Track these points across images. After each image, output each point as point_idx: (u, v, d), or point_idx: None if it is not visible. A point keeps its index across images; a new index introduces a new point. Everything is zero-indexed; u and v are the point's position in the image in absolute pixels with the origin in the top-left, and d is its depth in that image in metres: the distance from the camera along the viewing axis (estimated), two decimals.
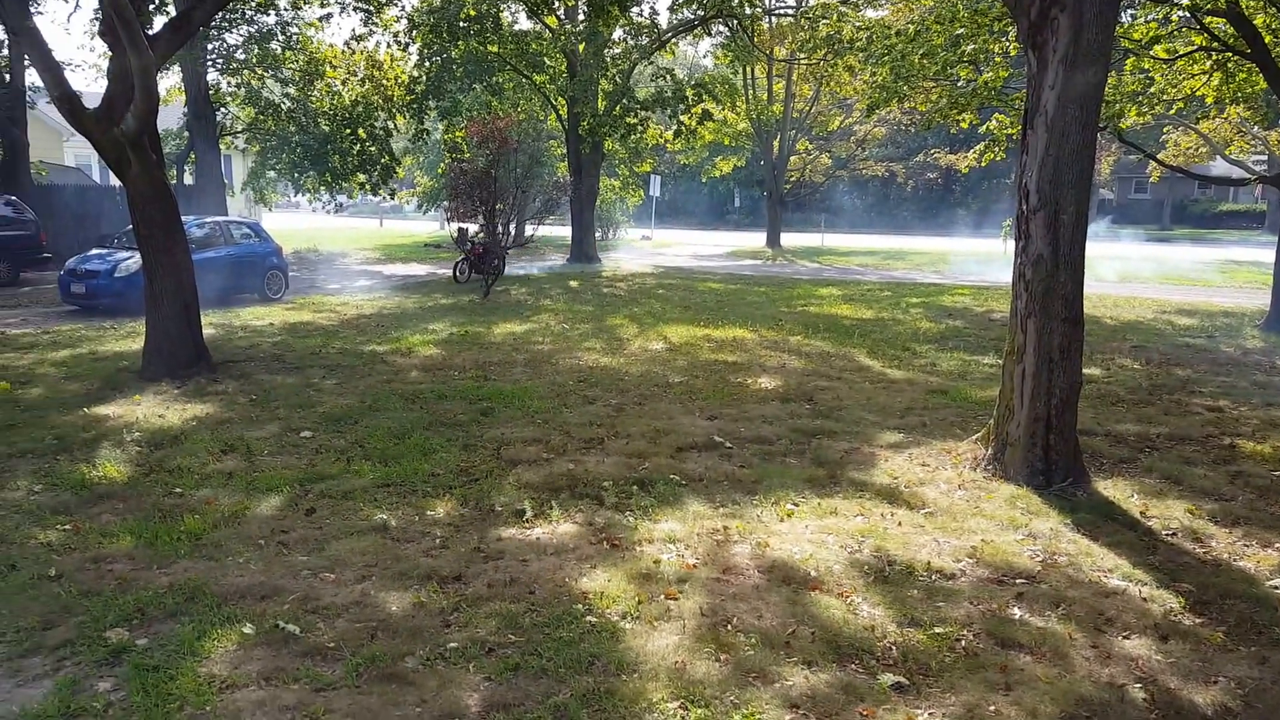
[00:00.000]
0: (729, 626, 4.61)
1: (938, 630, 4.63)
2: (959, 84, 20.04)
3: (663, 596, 4.93)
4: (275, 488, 6.64)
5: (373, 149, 28.56)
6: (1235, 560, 5.66)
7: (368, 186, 29.28)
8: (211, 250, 17.09)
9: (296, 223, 46.21)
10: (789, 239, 39.56)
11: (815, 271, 27.20)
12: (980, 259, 30.43)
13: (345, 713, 3.84)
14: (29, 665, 4.24)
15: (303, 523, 6.01)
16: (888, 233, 49.11)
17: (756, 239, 40.52)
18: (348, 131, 28.01)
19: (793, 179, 40.27)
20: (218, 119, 27.24)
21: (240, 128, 29.57)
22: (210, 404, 9.13)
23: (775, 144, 37.11)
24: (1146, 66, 17.62)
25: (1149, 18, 17.24)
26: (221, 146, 28.22)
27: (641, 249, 37.05)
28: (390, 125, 29.93)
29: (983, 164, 24.42)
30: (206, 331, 11.44)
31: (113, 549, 5.54)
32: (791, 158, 38.72)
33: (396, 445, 7.68)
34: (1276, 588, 5.25)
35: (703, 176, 43.94)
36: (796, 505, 6.44)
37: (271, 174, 32.27)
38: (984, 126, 22.38)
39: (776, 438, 8.18)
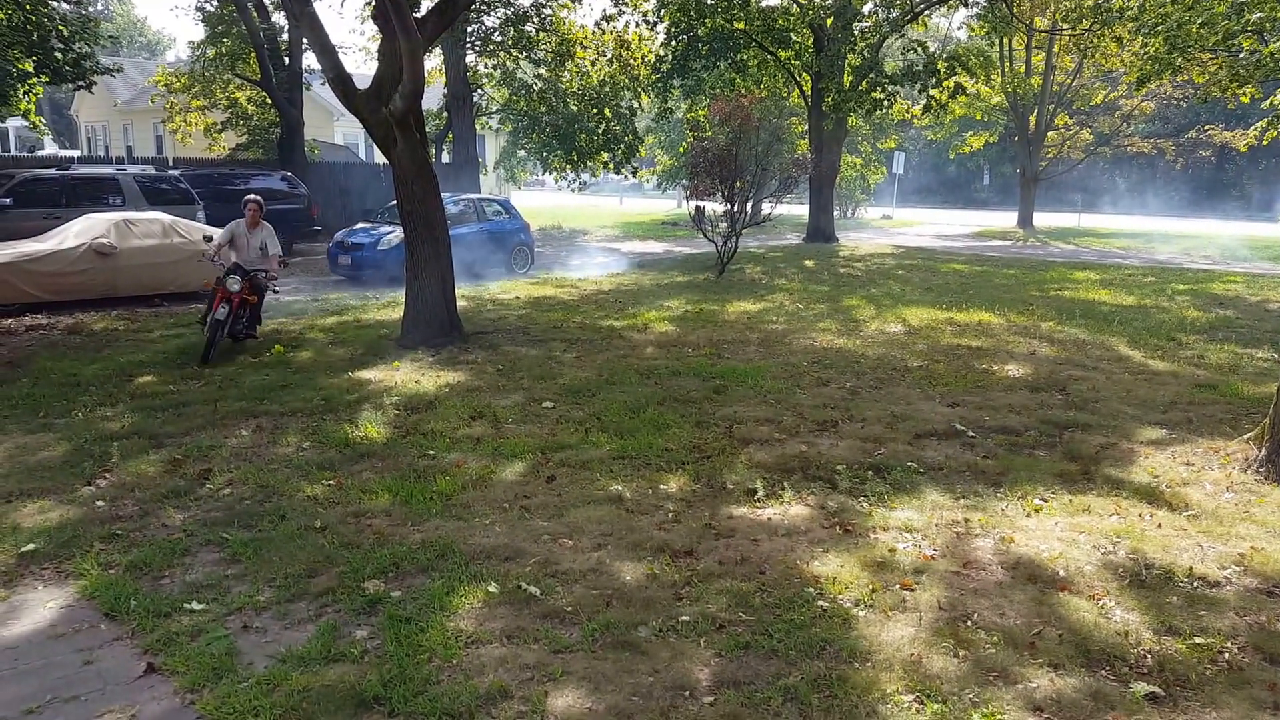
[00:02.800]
0: (969, 622, 4.45)
1: (1198, 640, 4.28)
2: (1241, 54, 18.19)
3: (898, 586, 4.81)
4: (519, 454, 6.95)
5: (617, 128, 29.26)
6: None
7: (610, 165, 30.03)
8: (465, 226, 17.89)
9: (542, 200, 48.15)
10: (1042, 219, 37.31)
11: (1070, 254, 25.53)
12: (1256, 245, 27.58)
13: (581, 676, 3.98)
14: (295, 610, 4.61)
15: (543, 489, 6.26)
16: (1151, 214, 45.38)
17: (1006, 219, 38.50)
18: (594, 111, 28.81)
19: (1049, 156, 37.85)
20: (474, 100, 28.61)
21: (494, 108, 30.93)
22: (461, 372, 9.65)
23: (1031, 119, 34.98)
24: None
25: None
26: (476, 127, 29.62)
27: (881, 228, 36.08)
28: (635, 104, 30.53)
29: (1264, 142, 22.14)
30: (459, 304, 12.02)
31: (371, 505, 5.96)
32: (1049, 133, 36.36)
33: (632, 419, 7.87)
34: None
35: (950, 153, 42.09)
36: (1045, 501, 6.11)
37: (521, 153, 33.71)
38: (1267, 101, 20.28)
39: (1024, 428, 7.78)
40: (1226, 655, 4.18)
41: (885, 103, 25.27)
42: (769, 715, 3.69)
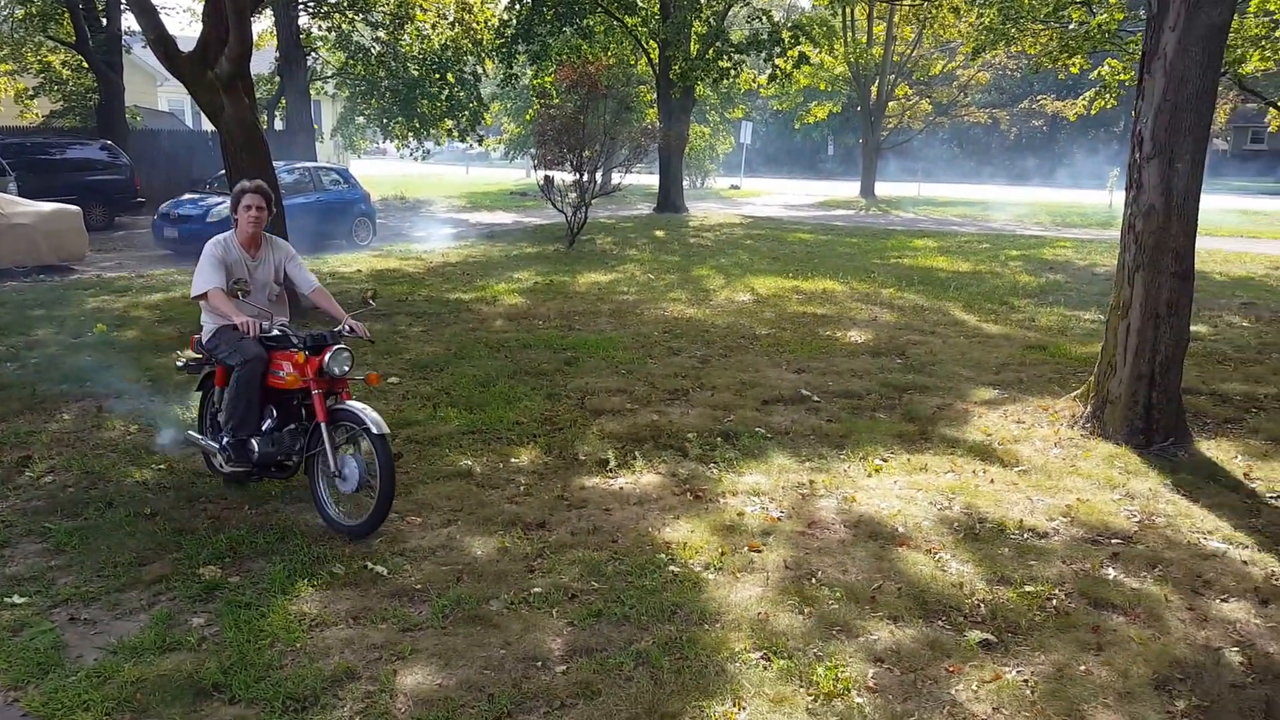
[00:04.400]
0: (813, 580, 4.64)
1: (1028, 589, 4.59)
2: (1070, 26, 19.30)
3: (746, 549, 4.98)
4: None
5: (461, 94, 28.69)
6: None
7: (455, 133, 29.47)
8: (301, 196, 17.37)
9: (384, 169, 46.94)
10: (884, 189, 38.76)
11: (910, 222, 26.65)
12: (1085, 212, 29.43)
13: (431, 652, 3.98)
14: (126, 599, 4.45)
15: None
16: (988, 183, 47.75)
17: (850, 189, 39.82)
18: (436, 76, 28.16)
19: (890, 126, 39.32)
20: (308, 64, 27.56)
21: (330, 73, 29.90)
22: None
23: (873, 89, 36.24)
24: (1272, 9, 16.70)
25: None
26: (311, 92, 28.56)
27: (730, 198, 36.74)
28: (479, 70, 30.01)
29: (1093, 112, 23.55)
30: None
31: (207, 488, 5.78)
32: (890, 104, 37.76)
33: (482, 393, 7.83)
34: None
35: (796, 123, 43.13)
36: (885, 461, 6.41)
37: (360, 120, 32.65)
38: (1095, 72, 21.57)
39: (866, 392, 8.12)
40: (1054, 601, 4.49)
41: (732, 72, 25.69)
42: (621, 680, 3.77)
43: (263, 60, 29.21)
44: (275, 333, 5.26)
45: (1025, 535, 5.24)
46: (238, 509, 5.47)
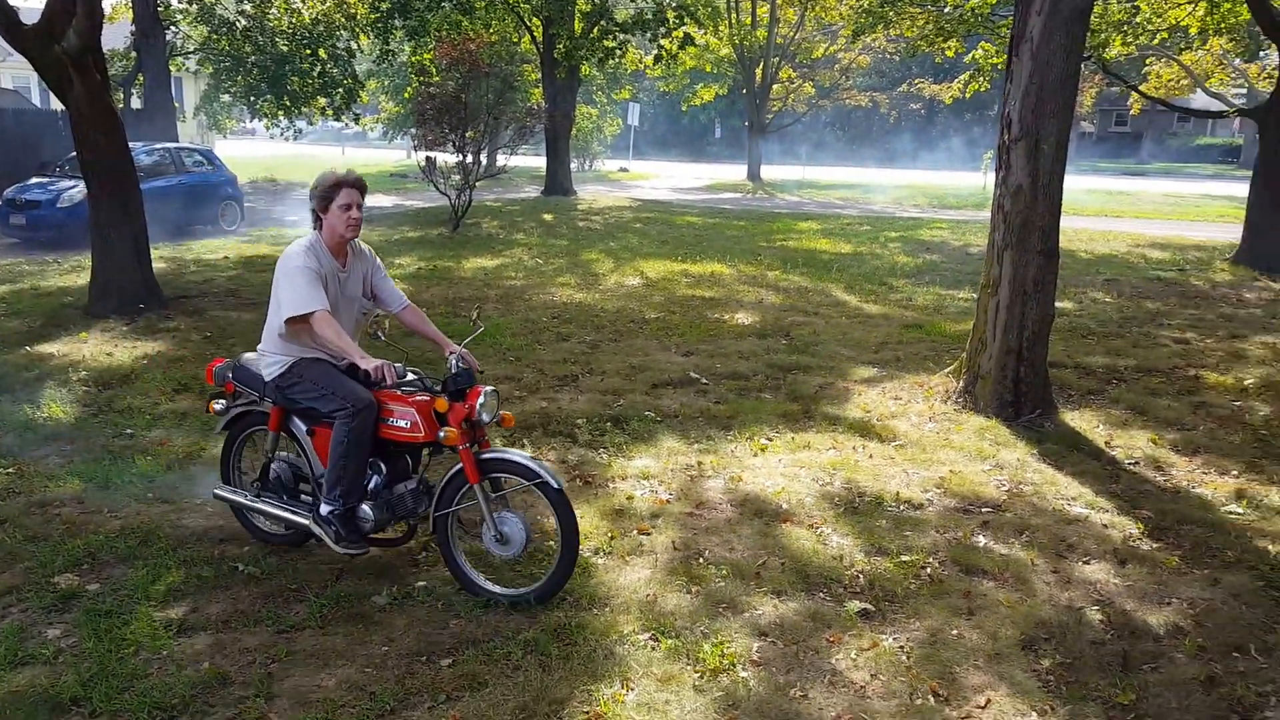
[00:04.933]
0: (700, 560, 4.75)
1: (904, 558, 4.79)
2: (946, 9, 19.88)
3: (635, 532, 5.05)
4: None
5: (334, 71, 27.65)
6: (1194, 487, 5.85)
7: (329, 111, 28.45)
8: (161, 179, 16.70)
9: (253, 150, 45.43)
10: (770, 171, 39.38)
11: (795, 205, 27.16)
12: (961, 193, 30.44)
13: (309, 653, 3.90)
14: None
15: (260, 463, 5.99)
16: (870, 165, 48.93)
17: (737, 172, 40.32)
18: (308, 52, 27.05)
19: (775, 109, 39.92)
20: (167, 38, 26.21)
21: (191, 48, 28.54)
22: (162, 341, 9.07)
23: (758, 71, 36.71)
24: None
25: None
26: (172, 68, 27.12)
27: (619, 181, 36.83)
28: (353, 46, 29.06)
29: (967, 95, 24.34)
30: (157, 266, 11.21)
31: (60, 492, 5.54)
32: (774, 86, 38.33)
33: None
34: (1231, 513, 5.45)
35: (683, 105, 43.45)
36: (770, 440, 6.57)
37: (226, 98, 31.31)
38: (969, 56, 22.27)
39: (752, 373, 8.29)
40: (928, 570, 4.70)
41: (617, 52, 25.66)
42: (509, 669, 3.79)
43: (118, 34, 27.84)
44: (410, 377, 4.40)
45: (901, 507, 5.46)
46: (95, 513, 5.26)
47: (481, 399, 4.24)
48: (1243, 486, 5.83)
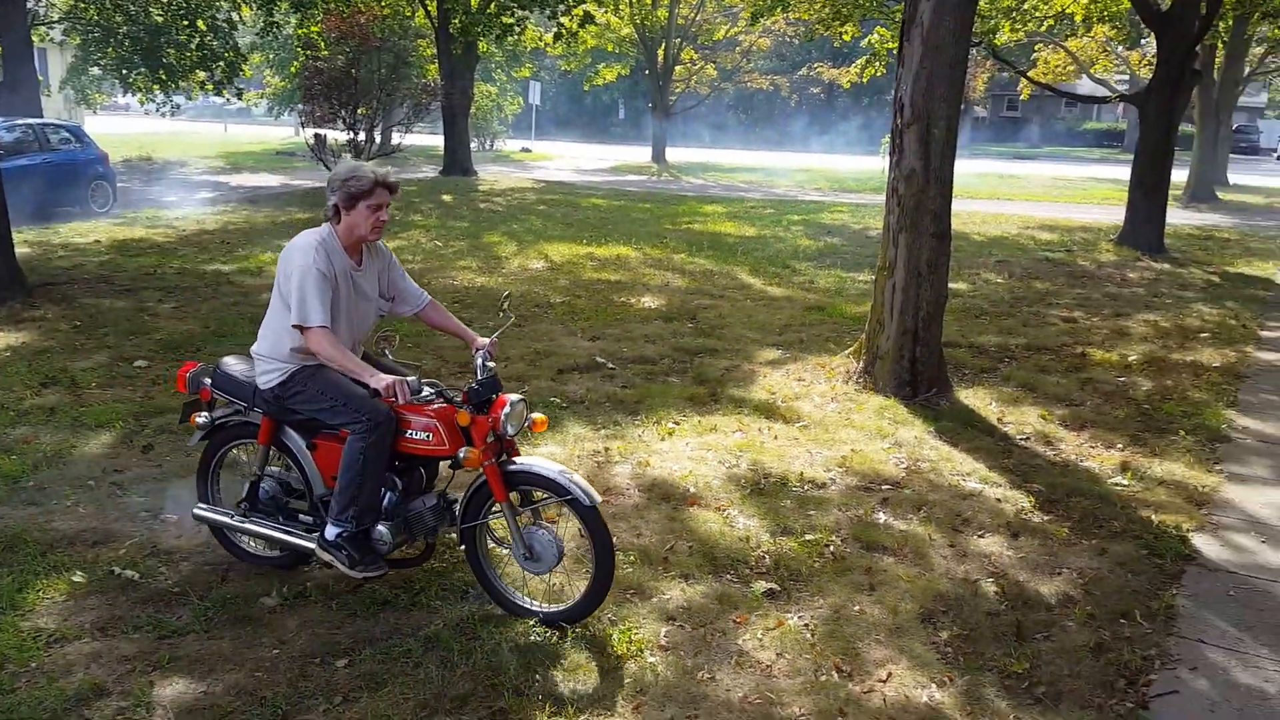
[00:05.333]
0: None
1: (808, 538, 4.88)
2: None
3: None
4: (106, 424, 6.28)
5: (214, 44, 26.30)
6: (1082, 461, 6.11)
7: (209, 86, 27.10)
8: (23, 157, 15.72)
9: (127, 127, 43.46)
10: (674, 154, 39.49)
11: (700, 188, 27.32)
12: (861, 177, 31.02)
13: (194, 659, 3.75)
14: None
15: (139, 461, 5.74)
16: (772, 149, 49.47)
17: (641, 153, 40.33)
18: (185, 23, 25.72)
19: (678, 90, 40.04)
20: (28, 6, 24.74)
21: (56, 16, 27.03)
22: (26, 332, 8.59)
23: (660, 52, 36.73)
24: None
25: None
26: (34, 38, 25.65)
27: (521, 161, 36.48)
28: (235, 17, 27.87)
29: (864, 79, 24.80)
30: (20, 250, 10.66)
31: None
32: (677, 68, 38.43)
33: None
34: (1117, 485, 5.71)
35: (585, 85, 43.25)
36: (677, 424, 6.62)
37: (95, 71, 29.64)
38: (866, 40, 22.67)
39: (659, 357, 8.34)
40: (831, 548, 4.81)
41: (516, 28, 25.22)
42: (409, 667, 3.71)
43: None
44: (426, 391, 3.97)
45: (805, 487, 5.56)
46: None
47: (507, 409, 3.87)
48: (1127, 459, 6.11)
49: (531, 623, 4.03)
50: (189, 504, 4.93)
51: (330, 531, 3.97)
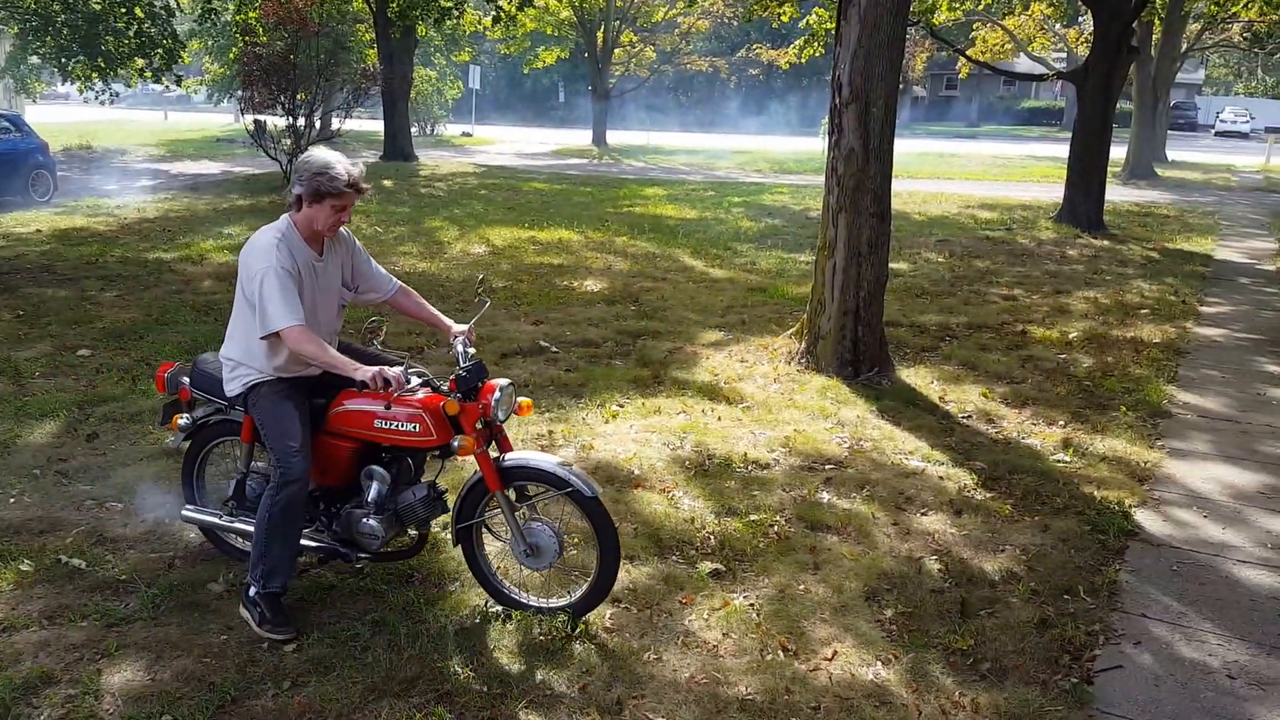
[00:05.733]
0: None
1: (753, 518, 4.89)
2: None
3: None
4: (50, 413, 6.23)
5: (152, 31, 25.92)
6: (1024, 438, 6.18)
7: (148, 74, 26.69)
8: None
9: (66, 115, 42.53)
10: (615, 137, 39.35)
11: (641, 171, 27.25)
12: (800, 158, 31.16)
13: (141, 646, 3.72)
14: None
15: (84, 449, 5.69)
16: (712, 131, 49.50)
17: (582, 137, 40.12)
18: (123, 10, 25.35)
19: (618, 73, 39.85)
20: None
21: None
22: None
23: (599, 35, 36.51)
24: None
25: None
26: None
27: (462, 146, 36.10)
28: (173, 3, 27.36)
29: (802, 60, 24.85)
30: None
31: None
32: (616, 50, 38.22)
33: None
34: (1059, 461, 5.78)
35: (525, 68, 42.84)
36: (621, 406, 6.59)
37: (34, 59, 29.06)
38: (804, 20, 22.72)
39: (602, 340, 8.30)
40: (776, 528, 4.82)
41: (454, 12, 24.95)
42: (357, 650, 3.70)
43: None
44: (415, 382, 3.79)
45: (750, 468, 5.57)
46: None
47: (497, 394, 3.77)
48: (1069, 435, 6.20)
49: (477, 605, 3.99)
50: (134, 493, 4.98)
51: (249, 588, 3.83)
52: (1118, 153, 20.70)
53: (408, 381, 3.68)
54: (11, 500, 4.99)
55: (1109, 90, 15.02)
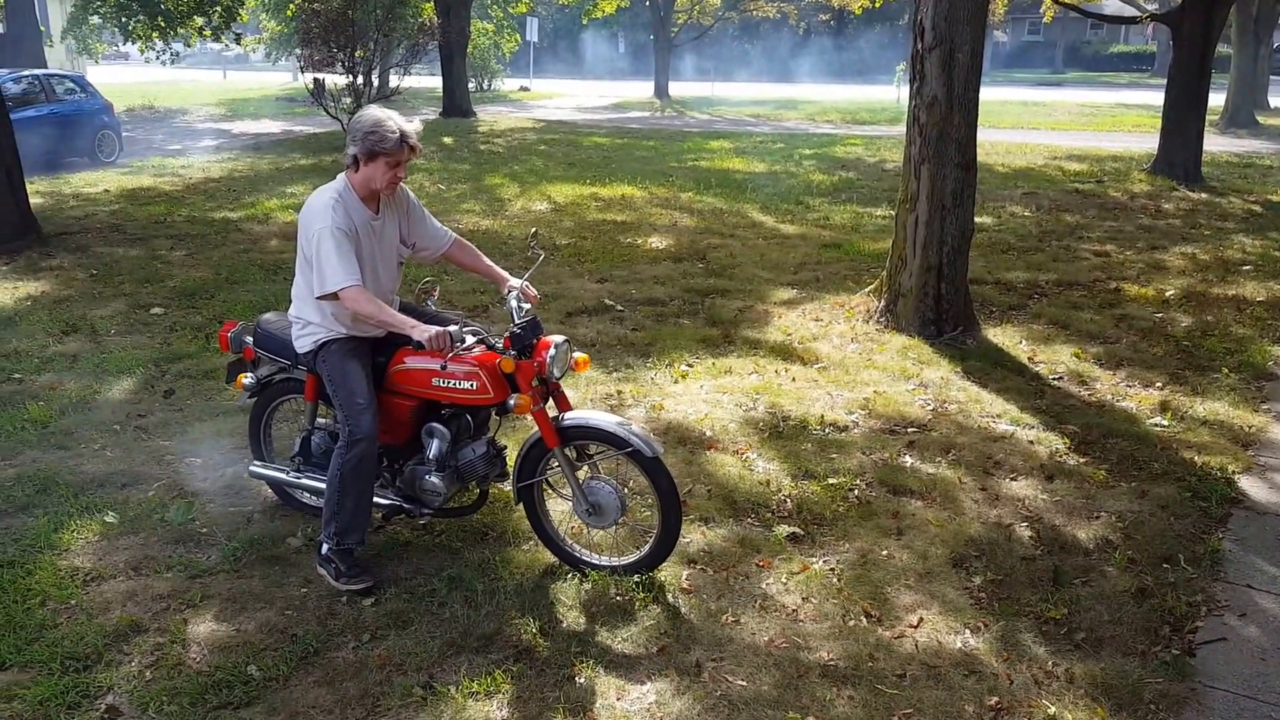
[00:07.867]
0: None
1: (831, 481, 4.87)
2: None
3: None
4: (127, 369, 6.50)
5: None
6: (1118, 401, 6.06)
7: (207, 32, 27.26)
8: (32, 109, 16.03)
9: (128, 76, 43.47)
10: (677, 89, 39.04)
11: (706, 123, 27.02)
12: (874, 108, 30.64)
13: (225, 598, 3.89)
14: None
15: (161, 405, 5.92)
16: (779, 81, 48.84)
17: (643, 89, 39.88)
18: None
19: (681, 21, 39.44)
20: None
21: None
22: (45, 281, 8.80)
23: None
24: None
25: None
26: None
27: (520, 101, 36.12)
28: None
29: (877, 4, 24.42)
30: (33, 201, 10.92)
31: None
32: None
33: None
34: (1156, 425, 5.66)
35: (584, 18, 42.65)
36: (691, 366, 6.59)
37: (95, 20, 29.79)
38: None
39: (669, 298, 8.29)
40: (855, 492, 4.80)
41: None
42: (434, 606, 3.81)
43: None
44: (471, 340, 3.83)
45: (827, 430, 5.54)
46: None
47: (552, 351, 3.82)
48: (1167, 399, 6.06)
49: (551, 563, 4.07)
50: (211, 448, 5.21)
51: (322, 545, 3.96)
52: (1216, 100, 20.01)
53: (463, 340, 3.75)
54: (94, 454, 5.20)
55: (1207, 33, 14.49)
